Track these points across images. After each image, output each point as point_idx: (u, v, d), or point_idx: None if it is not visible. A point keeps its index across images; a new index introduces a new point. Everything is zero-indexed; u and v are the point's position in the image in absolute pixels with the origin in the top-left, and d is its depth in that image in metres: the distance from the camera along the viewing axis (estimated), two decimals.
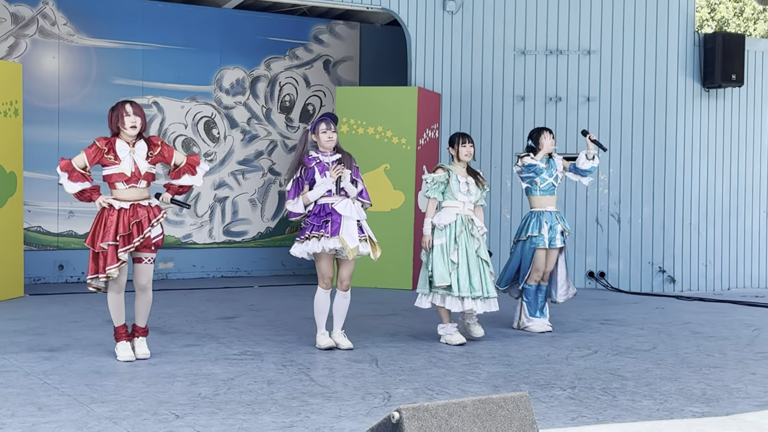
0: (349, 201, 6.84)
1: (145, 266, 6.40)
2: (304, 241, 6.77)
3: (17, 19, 10.75)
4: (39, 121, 10.82)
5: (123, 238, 6.19)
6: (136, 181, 6.28)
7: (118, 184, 6.27)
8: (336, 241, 6.72)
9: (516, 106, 11.63)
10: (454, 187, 7.31)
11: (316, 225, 6.76)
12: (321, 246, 6.72)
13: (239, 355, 6.65)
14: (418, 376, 6.04)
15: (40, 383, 5.61)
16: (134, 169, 6.26)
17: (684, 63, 11.44)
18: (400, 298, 9.98)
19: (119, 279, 6.30)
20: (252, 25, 12.20)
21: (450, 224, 7.26)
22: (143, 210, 6.28)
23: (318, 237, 6.71)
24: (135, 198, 6.28)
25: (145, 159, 6.32)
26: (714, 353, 7.12)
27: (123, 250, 6.18)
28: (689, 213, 11.55)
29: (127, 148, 6.27)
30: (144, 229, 6.23)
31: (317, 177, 6.80)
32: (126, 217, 6.22)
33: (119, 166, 6.24)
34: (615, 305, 9.90)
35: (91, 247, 6.23)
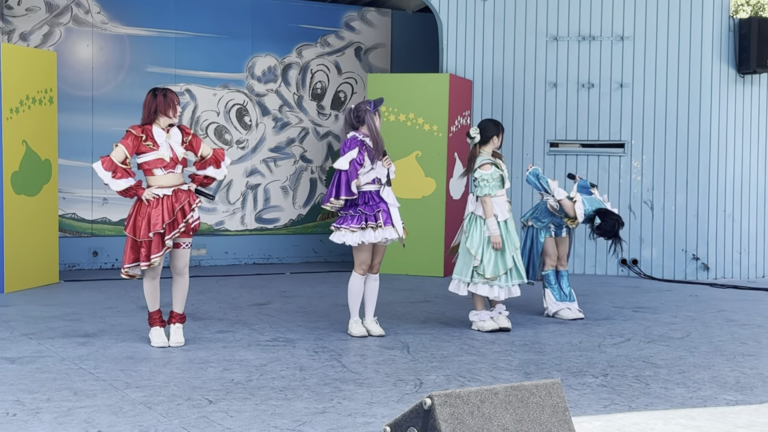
0: (390, 189, 6.88)
1: (182, 251, 6.44)
2: (359, 231, 6.73)
3: (51, 7, 10.83)
4: (73, 109, 10.91)
5: (168, 224, 6.23)
6: (173, 167, 6.33)
7: (157, 171, 6.31)
8: (392, 231, 6.77)
9: (548, 92, 11.56)
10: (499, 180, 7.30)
11: (370, 215, 6.75)
12: (380, 237, 6.74)
13: (271, 341, 6.70)
14: (449, 363, 6.05)
15: (76, 368, 5.68)
16: (172, 155, 6.32)
17: (718, 48, 11.31)
18: (431, 285, 9.99)
19: (157, 267, 6.36)
20: (284, 13, 12.21)
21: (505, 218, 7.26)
22: (184, 194, 6.33)
23: (374, 227, 6.73)
24: (174, 183, 6.34)
25: (180, 144, 6.39)
26: (748, 341, 7.06)
27: (169, 237, 6.21)
28: (723, 200, 11.43)
29: (163, 134, 6.33)
30: (187, 214, 6.27)
31: (367, 163, 6.78)
32: (169, 203, 6.26)
33: (158, 152, 6.28)
34: (648, 293, 9.85)
35: (131, 236, 6.26)
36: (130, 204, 11.08)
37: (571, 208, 7.74)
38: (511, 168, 11.53)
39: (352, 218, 6.78)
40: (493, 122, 7.43)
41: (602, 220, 7.69)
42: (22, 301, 8.35)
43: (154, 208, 6.23)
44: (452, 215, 10.90)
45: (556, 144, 11.49)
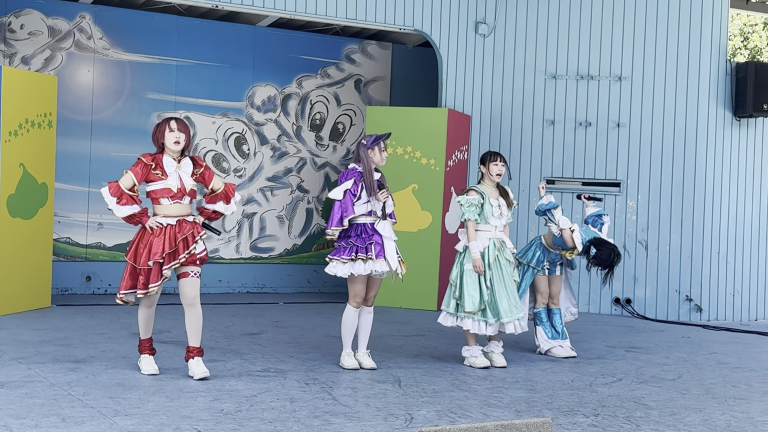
0: (387, 222, 6.89)
1: (191, 280, 6.34)
2: (349, 262, 6.75)
3: (54, 32, 10.90)
4: (72, 133, 10.94)
5: (168, 254, 6.19)
6: (180, 197, 6.30)
7: (163, 200, 6.28)
8: (383, 263, 6.76)
9: (546, 130, 11.62)
10: (488, 211, 7.29)
11: (361, 247, 6.76)
12: (369, 269, 6.74)
13: (263, 371, 6.67)
14: (440, 399, 6.03)
15: (65, 394, 5.65)
16: (180, 185, 6.29)
17: (715, 91, 11.38)
18: (424, 319, 9.97)
19: (154, 295, 6.32)
20: (285, 43, 12.29)
21: (483, 251, 7.25)
22: (188, 225, 6.29)
23: (364, 259, 6.73)
24: (180, 213, 6.30)
25: (191, 176, 6.36)
26: (740, 385, 7.05)
27: (167, 267, 6.17)
28: (717, 242, 11.46)
29: (173, 164, 6.31)
30: (189, 245, 6.23)
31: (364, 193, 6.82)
32: (172, 232, 6.22)
33: (166, 181, 6.26)
34: (641, 333, 9.84)
35: (131, 262, 6.23)
36: (125, 230, 11.16)
37: (570, 238, 7.74)
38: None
39: (344, 250, 6.81)
40: (487, 152, 7.50)
41: (598, 250, 7.70)
42: (12, 325, 8.31)
43: (157, 236, 6.20)
44: (447, 249, 10.91)
45: (552, 181, 11.52)
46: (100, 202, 11.10)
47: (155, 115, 11.40)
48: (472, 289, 7.19)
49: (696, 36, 11.27)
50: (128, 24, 11.29)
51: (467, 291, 7.18)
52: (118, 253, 11.24)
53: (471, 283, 7.20)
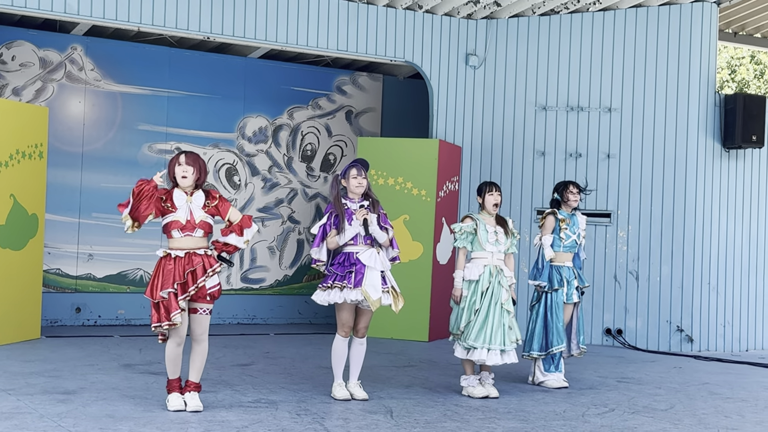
0: (374, 251, 6.84)
1: (200, 317, 6.31)
2: (326, 290, 6.79)
3: (45, 63, 10.92)
4: (63, 164, 10.94)
5: (180, 286, 6.15)
6: (191, 230, 6.24)
7: (174, 232, 6.24)
8: (358, 293, 6.73)
9: (536, 161, 11.66)
10: (482, 237, 7.31)
11: (339, 275, 6.77)
12: (343, 297, 6.74)
13: (254, 402, 6.63)
14: (432, 429, 6.00)
15: (54, 426, 5.60)
16: (189, 218, 6.24)
17: (704, 123, 11.46)
18: (416, 350, 9.94)
19: (179, 330, 6.24)
20: (276, 75, 12.34)
21: (477, 279, 7.26)
22: (198, 258, 6.22)
23: (341, 287, 6.73)
24: (190, 247, 6.23)
25: (202, 208, 6.31)
26: (732, 415, 7.04)
27: (181, 298, 6.14)
28: (708, 272, 11.48)
29: (184, 197, 6.28)
30: (198, 279, 6.18)
31: (345, 224, 6.82)
32: (180, 265, 6.18)
33: (175, 214, 6.23)
34: (632, 363, 9.82)
35: (150, 298, 6.18)
36: (114, 261, 11.13)
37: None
38: None
39: (326, 278, 6.85)
40: (483, 183, 7.53)
41: None
42: (2, 356, 8.25)
43: (169, 269, 6.16)
44: (438, 280, 10.90)
45: (542, 212, 11.52)
46: (91, 233, 11.10)
47: (146, 147, 11.42)
48: (458, 312, 7.26)
49: (685, 68, 11.37)
50: (120, 55, 11.33)
51: (454, 313, 7.29)
52: (108, 284, 11.20)
53: (462, 310, 7.26)
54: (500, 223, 7.47)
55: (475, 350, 7.20)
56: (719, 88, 24.32)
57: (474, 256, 7.37)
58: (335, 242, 6.82)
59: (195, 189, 6.34)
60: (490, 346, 7.18)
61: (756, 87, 25.47)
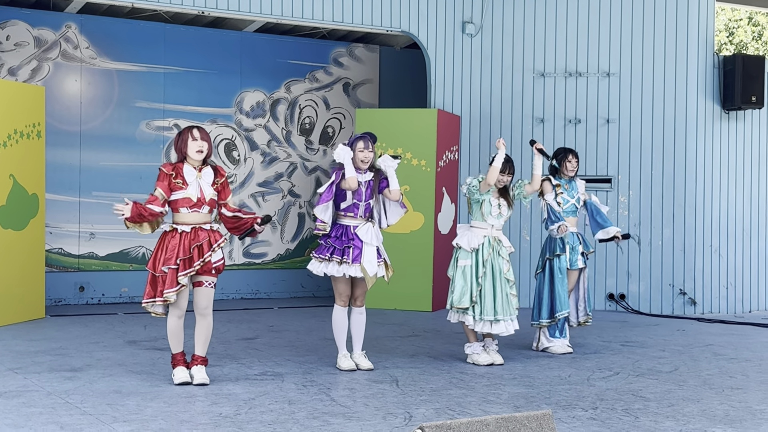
0: (369, 225, 6.86)
1: (205, 290, 6.31)
2: (323, 262, 6.81)
3: (40, 42, 10.87)
4: (61, 143, 10.91)
5: (183, 261, 6.12)
6: (199, 207, 6.22)
7: (182, 209, 6.21)
8: (357, 268, 6.76)
9: (535, 128, 11.63)
10: (486, 209, 7.32)
11: (337, 248, 6.78)
12: (341, 272, 6.77)
13: (260, 375, 6.66)
14: (438, 397, 6.03)
15: (62, 402, 5.63)
16: (200, 195, 6.22)
17: (704, 85, 11.42)
18: (419, 320, 9.97)
19: (179, 303, 6.24)
20: (272, 48, 12.28)
21: (478, 247, 7.27)
22: (204, 233, 6.22)
23: (339, 262, 6.75)
24: (197, 222, 6.23)
25: (211, 185, 6.29)
26: (736, 375, 7.07)
27: (183, 274, 6.10)
28: (710, 235, 11.48)
29: (194, 173, 6.24)
30: (204, 253, 6.17)
31: (348, 195, 6.83)
32: (187, 240, 6.16)
33: (186, 191, 6.19)
34: (635, 327, 9.85)
35: (151, 270, 6.17)
36: (117, 239, 11.14)
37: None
38: None
39: (323, 248, 6.86)
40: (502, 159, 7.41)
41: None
42: (7, 336, 8.28)
43: (174, 243, 6.15)
44: (440, 249, 10.91)
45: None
46: (92, 212, 11.09)
47: (144, 124, 11.39)
48: (461, 285, 7.24)
49: (683, 30, 11.31)
50: (114, 33, 11.27)
51: (458, 287, 7.24)
52: (111, 262, 11.21)
53: (463, 279, 7.25)
54: (503, 195, 7.43)
55: (482, 321, 7.21)
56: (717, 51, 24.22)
57: (474, 225, 7.37)
58: (355, 180, 6.74)
59: (204, 165, 6.30)
60: (498, 317, 7.21)
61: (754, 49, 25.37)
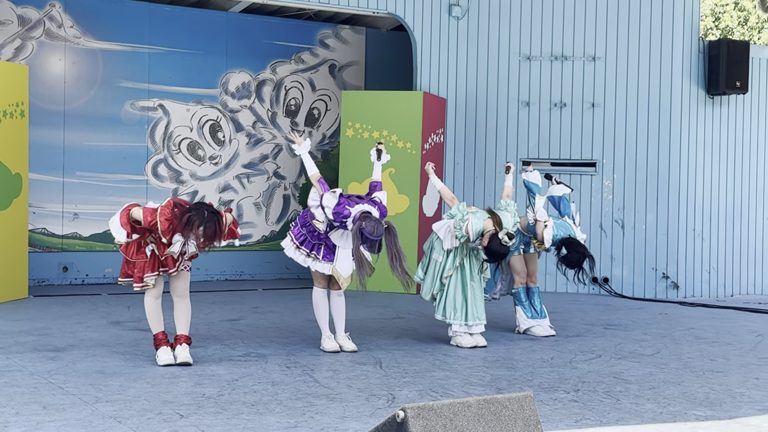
0: (344, 231, 6.78)
1: (182, 273, 6.34)
2: (297, 250, 6.91)
3: (24, 21, 10.78)
4: (45, 123, 10.85)
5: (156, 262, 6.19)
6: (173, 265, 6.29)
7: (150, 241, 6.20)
8: (326, 267, 6.84)
9: (521, 111, 11.64)
10: None
11: (309, 241, 6.86)
12: (314, 267, 6.87)
13: (243, 356, 6.67)
14: (422, 379, 6.06)
15: (45, 383, 5.62)
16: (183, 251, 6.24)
17: (689, 70, 11.45)
18: (403, 302, 9.99)
19: (157, 286, 6.27)
20: (258, 29, 12.23)
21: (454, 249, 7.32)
22: None
23: (306, 254, 6.86)
24: None
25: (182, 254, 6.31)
26: (717, 358, 7.12)
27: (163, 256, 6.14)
28: (693, 219, 11.54)
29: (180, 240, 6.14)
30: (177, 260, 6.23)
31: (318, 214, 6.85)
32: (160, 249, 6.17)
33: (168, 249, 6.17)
34: (618, 311, 9.90)
35: (126, 256, 6.18)
36: (100, 219, 11.08)
37: (541, 232, 7.75)
38: (484, 185, 11.61)
39: (298, 232, 6.93)
40: None
41: (568, 252, 7.63)
42: None
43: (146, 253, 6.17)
44: (425, 232, 10.92)
45: (528, 162, 11.55)
46: (75, 192, 11.04)
47: (128, 104, 11.33)
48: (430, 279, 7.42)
49: (668, 14, 11.33)
50: (99, 12, 11.19)
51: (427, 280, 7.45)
52: (95, 243, 11.18)
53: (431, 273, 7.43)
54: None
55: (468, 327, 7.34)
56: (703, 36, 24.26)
57: None
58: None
59: None
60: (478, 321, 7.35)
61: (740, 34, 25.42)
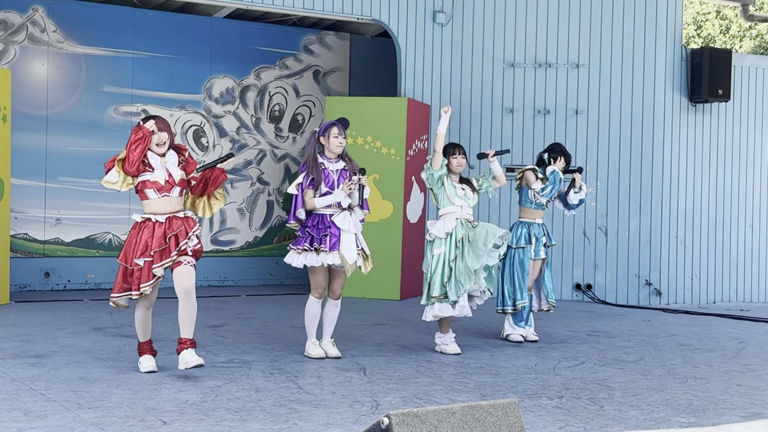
0: (347, 213, 6.76)
1: (186, 268, 6.08)
2: (302, 253, 6.71)
3: (6, 25, 10.73)
4: (27, 127, 10.79)
5: (158, 253, 5.95)
6: (169, 189, 6.03)
7: (151, 193, 6.01)
8: (335, 256, 6.67)
9: (505, 118, 11.67)
10: (451, 192, 7.30)
11: (315, 237, 6.69)
12: (320, 261, 6.68)
13: (226, 362, 6.64)
14: (406, 385, 6.05)
15: (26, 389, 5.58)
16: (168, 177, 6.04)
17: (671, 77, 11.51)
18: (387, 308, 9.98)
19: (150, 296, 6.13)
20: (242, 35, 12.21)
21: (451, 232, 7.25)
22: (179, 222, 6.04)
23: (317, 251, 6.66)
24: (169, 210, 6.03)
25: (177, 165, 6.12)
26: (700, 365, 7.15)
27: (159, 266, 5.94)
28: (676, 226, 11.60)
29: (158, 158, 6.05)
30: (180, 242, 5.99)
31: (321, 186, 6.72)
32: (161, 230, 5.97)
33: (153, 173, 5.99)
34: (602, 317, 9.93)
35: (123, 263, 5.99)
36: (83, 225, 11.04)
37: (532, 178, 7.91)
38: None
39: (301, 239, 6.75)
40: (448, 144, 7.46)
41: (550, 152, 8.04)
42: None
43: (148, 234, 5.95)
44: (409, 238, 10.93)
45: (512, 169, 11.57)
46: (58, 197, 10.99)
47: (112, 109, 11.28)
48: (438, 274, 7.21)
49: (651, 22, 11.39)
50: (82, 16, 11.15)
51: (435, 277, 7.21)
52: (77, 248, 11.12)
53: (436, 267, 7.22)
54: (464, 182, 7.47)
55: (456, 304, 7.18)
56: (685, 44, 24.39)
57: (444, 212, 7.35)
58: (312, 204, 6.74)
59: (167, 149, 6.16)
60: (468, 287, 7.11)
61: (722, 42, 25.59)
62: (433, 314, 7.25)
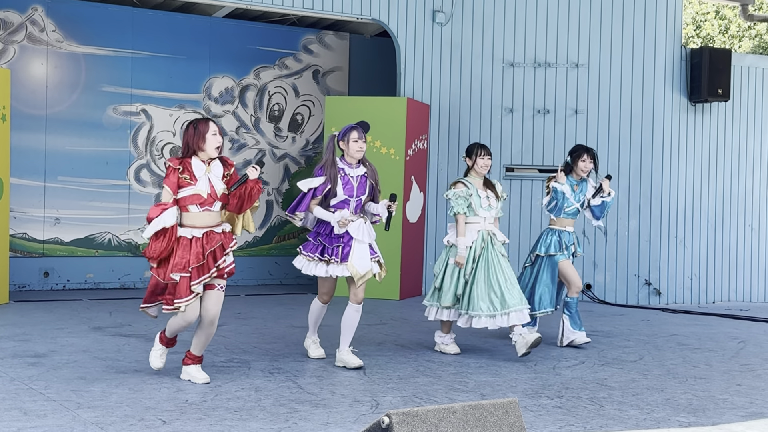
0: (361, 221, 6.60)
1: (217, 293, 5.88)
2: (312, 261, 6.55)
3: (5, 25, 10.72)
4: (26, 127, 10.78)
5: (197, 269, 5.71)
6: (211, 204, 5.76)
7: (192, 207, 5.74)
8: (344, 268, 6.51)
9: (504, 117, 11.66)
10: (476, 203, 7.19)
11: (327, 246, 6.52)
12: (328, 273, 6.51)
13: (226, 362, 6.64)
14: (406, 385, 6.04)
15: (26, 388, 5.57)
16: (210, 190, 5.75)
17: (671, 77, 11.51)
18: (387, 308, 9.98)
19: (188, 314, 5.79)
20: (242, 35, 12.20)
21: (470, 245, 7.18)
22: (217, 237, 5.81)
23: (327, 261, 6.51)
24: (208, 224, 5.79)
25: (221, 179, 5.82)
26: (700, 365, 7.14)
27: (197, 282, 5.70)
28: (675, 226, 11.59)
29: (203, 167, 5.77)
30: (218, 259, 5.78)
31: (339, 189, 6.57)
32: (199, 245, 5.73)
33: (195, 186, 5.72)
34: (601, 317, 9.93)
35: (158, 278, 5.76)
36: (82, 225, 11.03)
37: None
38: None
39: (313, 246, 6.59)
40: (474, 144, 7.41)
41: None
42: None
43: (185, 249, 5.71)
44: (409, 238, 10.92)
45: (512, 169, 11.58)
46: (57, 197, 10.98)
47: (111, 109, 11.27)
48: (451, 284, 7.17)
49: (651, 22, 11.38)
50: (82, 16, 11.14)
51: (446, 286, 7.17)
52: (76, 248, 11.11)
53: (452, 278, 7.17)
54: (488, 186, 7.38)
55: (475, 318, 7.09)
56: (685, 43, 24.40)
57: (467, 222, 7.25)
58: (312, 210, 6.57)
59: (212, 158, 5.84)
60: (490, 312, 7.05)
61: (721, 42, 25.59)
62: (437, 316, 7.26)
